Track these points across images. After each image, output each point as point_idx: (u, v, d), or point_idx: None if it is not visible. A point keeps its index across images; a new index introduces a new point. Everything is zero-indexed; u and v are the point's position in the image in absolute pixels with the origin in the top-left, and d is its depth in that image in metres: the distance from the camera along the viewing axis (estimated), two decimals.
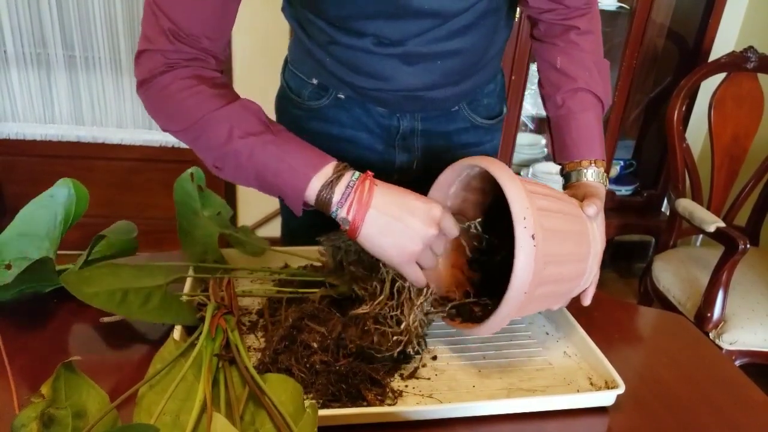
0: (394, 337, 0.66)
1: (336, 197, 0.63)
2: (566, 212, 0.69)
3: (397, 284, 0.67)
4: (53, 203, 0.79)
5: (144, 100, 0.70)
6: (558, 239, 0.64)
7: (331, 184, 0.63)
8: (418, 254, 0.63)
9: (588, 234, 0.70)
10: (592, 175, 0.81)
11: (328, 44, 0.82)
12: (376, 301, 0.67)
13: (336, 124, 0.93)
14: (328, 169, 0.64)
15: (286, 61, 0.98)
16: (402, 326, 0.66)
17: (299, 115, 0.95)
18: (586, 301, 0.76)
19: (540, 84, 0.90)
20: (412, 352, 0.67)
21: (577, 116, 0.84)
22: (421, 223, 0.63)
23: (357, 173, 0.64)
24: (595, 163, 0.82)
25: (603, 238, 0.74)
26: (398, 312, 0.67)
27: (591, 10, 0.88)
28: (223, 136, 0.65)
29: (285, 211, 1.10)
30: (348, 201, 0.62)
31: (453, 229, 0.65)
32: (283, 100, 0.99)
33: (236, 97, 0.69)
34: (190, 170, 0.84)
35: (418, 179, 0.99)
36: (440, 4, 0.74)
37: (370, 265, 0.70)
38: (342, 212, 0.63)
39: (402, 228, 0.62)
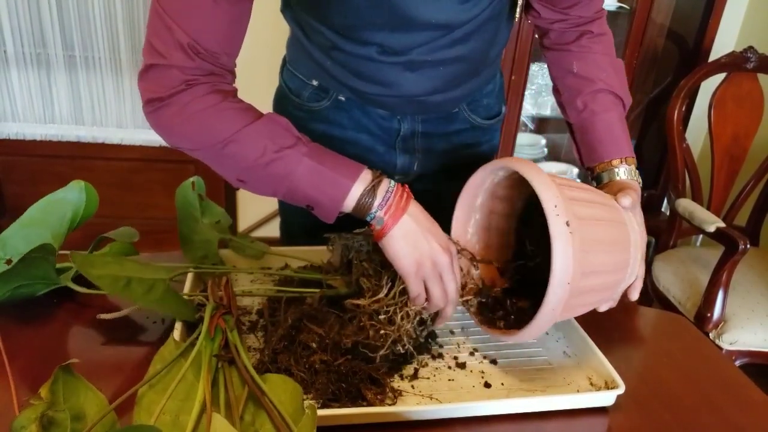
0: (381, 331, 0.65)
1: (377, 201, 0.65)
2: (599, 202, 0.67)
3: (402, 287, 0.67)
4: (63, 203, 0.80)
5: (154, 119, 0.67)
6: (594, 227, 0.63)
7: (372, 189, 0.65)
8: (426, 271, 0.65)
9: (626, 224, 0.69)
10: (624, 173, 0.80)
11: (330, 49, 0.81)
12: (376, 297, 0.67)
13: (337, 125, 0.93)
14: (367, 175, 0.66)
15: (284, 61, 0.98)
16: (394, 326, 0.66)
17: (300, 116, 0.95)
18: (634, 295, 0.74)
19: (556, 91, 0.90)
20: (402, 350, 0.67)
21: (601, 117, 0.83)
22: (439, 245, 0.66)
23: (393, 180, 0.67)
24: (625, 161, 0.81)
25: (643, 230, 0.73)
26: (392, 311, 0.67)
27: (602, 15, 0.87)
28: (255, 153, 0.65)
29: (283, 213, 1.10)
30: (387, 204, 0.65)
31: (454, 268, 0.67)
32: (282, 100, 0.99)
33: (259, 112, 0.68)
34: (191, 179, 0.85)
35: (418, 180, 0.99)
36: (447, 17, 0.74)
37: (381, 263, 0.70)
38: (380, 213, 0.65)
39: (423, 241, 0.65)
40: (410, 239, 0.65)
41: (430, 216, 0.68)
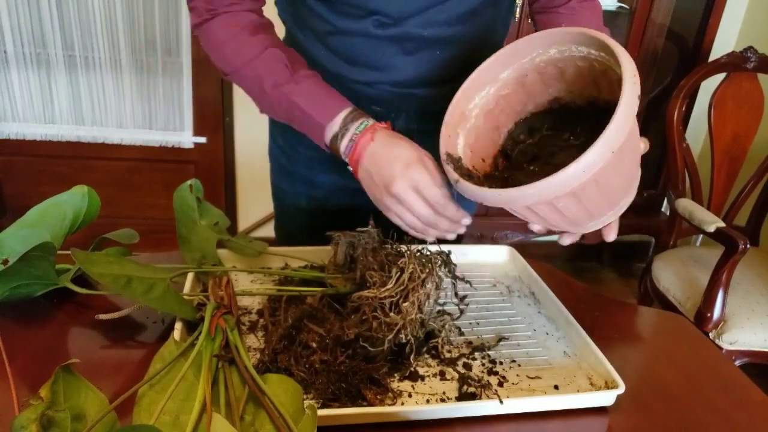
0: (386, 318, 0.65)
1: (344, 146, 0.74)
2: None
3: (409, 274, 0.67)
4: (65, 205, 0.80)
5: (200, 42, 0.82)
6: (635, 145, 0.66)
7: (337, 137, 0.75)
8: (388, 202, 0.72)
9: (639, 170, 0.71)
10: None
11: (326, 35, 0.82)
12: (385, 288, 0.67)
13: None
14: (338, 120, 0.75)
15: None
16: (400, 315, 0.66)
17: None
18: (611, 237, 0.74)
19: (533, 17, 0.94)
20: (404, 339, 0.67)
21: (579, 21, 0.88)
22: (398, 172, 0.70)
23: (363, 125, 0.73)
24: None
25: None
26: (400, 298, 0.67)
27: None
28: (256, 87, 0.78)
29: (278, 213, 1.10)
30: (352, 149, 0.73)
31: (432, 174, 0.70)
32: None
33: (271, 41, 0.78)
34: (188, 182, 0.85)
35: None
36: None
37: (386, 256, 0.71)
38: (348, 158, 0.75)
39: (383, 174, 0.71)
40: (372, 176, 0.72)
41: (400, 139, 0.72)
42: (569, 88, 0.72)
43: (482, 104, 0.73)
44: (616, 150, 0.57)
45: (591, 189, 0.61)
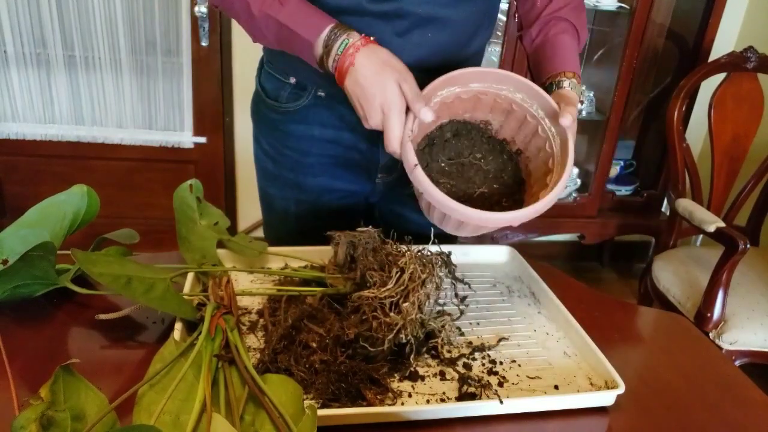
0: (386, 318, 0.66)
1: (330, 62, 0.76)
2: None
3: (409, 274, 0.67)
4: (64, 205, 0.80)
5: None
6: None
7: (327, 53, 0.76)
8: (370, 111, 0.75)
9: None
10: (568, 84, 0.84)
11: None
12: (386, 288, 0.67)
13: (317, 125, 0.93)
14: (321, 40, 0.76)
15: (261, 63, 0.98)
16: (400, 315, 0.66)
17: (277, 119, 0.95)
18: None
19: (519, 29, 0.97)
20: (404, 339, 0.67)
21: (554, 38, 0.89)
22: (379, 96, 0.74)
23: (346, 42, 0.75)
24: (573, 75, 0.85)
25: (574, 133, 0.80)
26: (400, 298, 0.67)
27: None
28: (245, 13, 0.79)
29: (267, 219, 1.10)
30: (338, 65, 0.75)
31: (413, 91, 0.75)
32: (259, 105, 0.99)
33: None
34: (189, 182, 0.85)
35: (403, 177, 1.00)
36: None
37: (387, 256, 0.71)
38: (335, 74, 0.77)
39: (370, 95, 0.75)
40: (360, 96, 0.75)
41: (382, 58, 0.75)
42: (504, 124, 0.84)
43: (445, 96, 0.80)
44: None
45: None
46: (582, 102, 0.87)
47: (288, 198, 1.03)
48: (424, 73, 0.87)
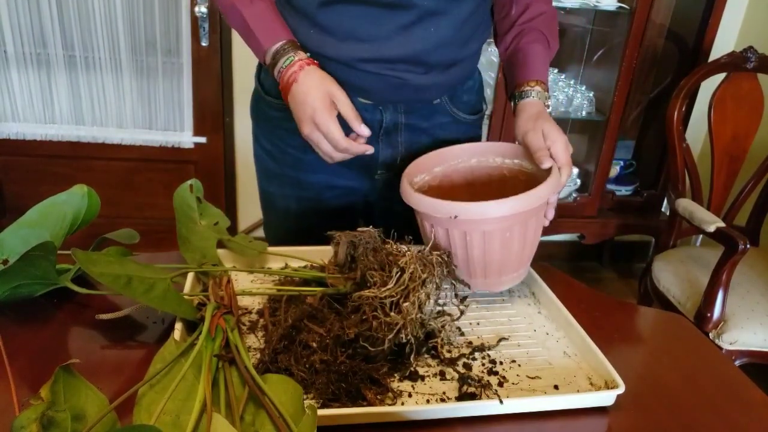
0: (387, 318, 0.66)
1: (276, 72, 0.86)
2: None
3: (410, 274, 0.67)
4: (64, 205, 0.80)
5: None
6: None
7: (271, 65, 0.86)
8: (306, 128, 0.83)
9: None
10: (536, 94, 0.91)
11: (318, 8, 0.85)
12: (386, 287, 0.67)
13: None
14: (272, 50, 0.85)
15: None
16: (400, 314, 0.66)
17: (277, 116, 0.95)
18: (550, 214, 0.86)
19: (495, 36, 1.02)
20: (404, 339, 0.67)
21: (525, 47, 0.94)
22: (310, 108, 0.82)
23: (291, 59, 0.83)
24: (539, 83, 0.92)
25: (567, 152, 0.85)
26: (401, 298, 0.67)
27: None
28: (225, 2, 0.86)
29: (268, 219, 1.10)
30: (283, 78, 0.84)
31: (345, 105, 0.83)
32: (259, 102, 1.00)
33: None
34: (189, 182, 0.85)
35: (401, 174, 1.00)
36: None
37: (387, 256, 0.71)
38: (280, 85, 0.86)
39: (304, 104, 0.83)
40: (298, 105, 0.83)
41: (321, 76, 0.83)
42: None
43: (422, 182, 0.90)
44: (539, 207, 0.77)
45: (515, 232, 0.76)
46: (548, 106, 0.92)
47: (288, 196, 1.03)
48: (422, 68, 0.87)
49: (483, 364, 0.71)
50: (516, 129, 0.90)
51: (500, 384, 0.67)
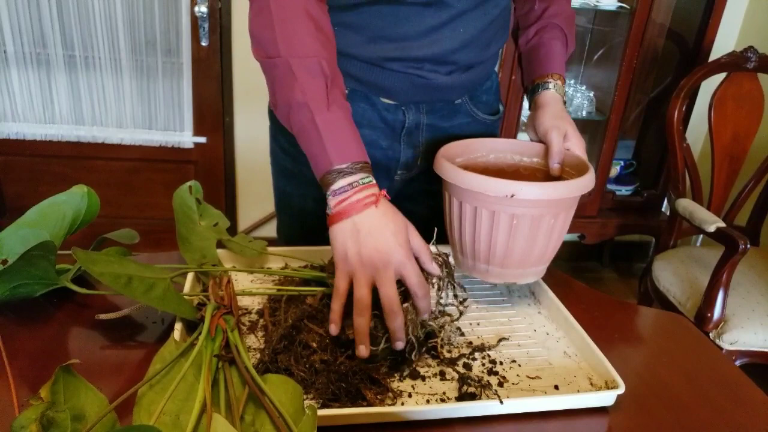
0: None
1: (333, 187, 0.69)
2: None
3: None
4: (64, 205, 0.80)
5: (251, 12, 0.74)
6: None
7: (339, 176, 0.69)
8: (354, 269, 0.67)
9: None
10: (553, 86, 0.93)
11: (349, 9, 0.82)
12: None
13: None
14: (345, 165, 0.69)
15: None
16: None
17: None
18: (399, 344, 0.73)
19: (516, 30, 1.04)
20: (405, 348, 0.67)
21: (547, 42, 0.97)
22: (391, 253, 0.66)
23: (368, 179, 0.69)
24: (559, 77, 0.95)
25: (582, 145, 0.88)
26: (401, 298, 0.67)
27: None
28: (285, 86, 0.71)
29: (283, 218, 1.09)
30: (341, 196, 0.68)
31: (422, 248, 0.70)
32: None
33: (324, 48, 0.72)
34: (188, 183, 0.85)
35: (420, 175, 1.00)
36: None
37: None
38: (332, 201, 0.69)
39: (367, 244, 0.67)
40: (351, 236, 0.66)
41: (400, 221, 0.68)
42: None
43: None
44: (571, 201, 0.77)
45: (545, 222, 0.75)
46: (565, 102, 0.94)
47: (306, 195, 1.01)
48: (446, 67, 0.88)
49: (483, 364, 0.71)
50: (535, 121, 0.90)
51: (500, 384, 0.67)
